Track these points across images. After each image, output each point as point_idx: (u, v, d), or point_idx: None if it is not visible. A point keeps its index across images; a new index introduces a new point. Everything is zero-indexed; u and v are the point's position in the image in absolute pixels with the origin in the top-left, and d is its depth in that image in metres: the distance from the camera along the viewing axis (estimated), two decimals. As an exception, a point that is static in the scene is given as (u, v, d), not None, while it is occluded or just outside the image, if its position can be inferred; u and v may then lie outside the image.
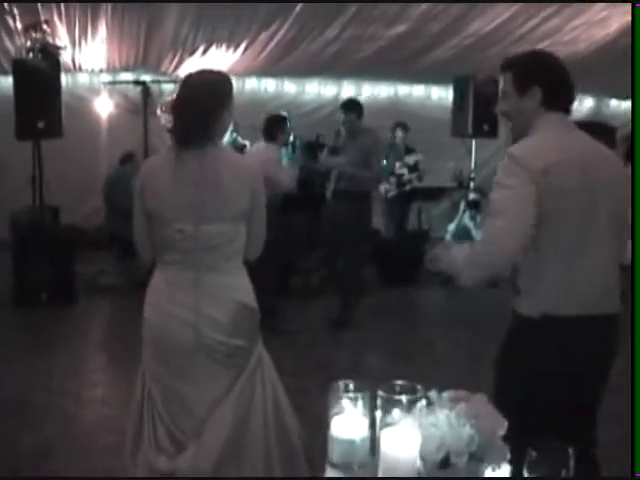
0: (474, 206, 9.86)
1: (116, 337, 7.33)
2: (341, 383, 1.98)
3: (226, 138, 9.69)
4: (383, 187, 9.86)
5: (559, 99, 3.05)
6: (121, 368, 6.09)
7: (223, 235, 3.23)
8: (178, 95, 3.33)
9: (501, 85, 3.12)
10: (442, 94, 12.45)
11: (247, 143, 9.74)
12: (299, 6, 8.92)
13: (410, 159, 10.09)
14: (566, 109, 3.07)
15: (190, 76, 3.33)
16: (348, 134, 7.68)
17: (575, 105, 3.09)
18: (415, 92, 12.87)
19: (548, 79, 3.04)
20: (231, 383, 3.29)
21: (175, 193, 3.19)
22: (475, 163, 10.52)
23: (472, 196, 10.08)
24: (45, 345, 6.97)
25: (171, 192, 3.19)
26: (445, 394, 2.13)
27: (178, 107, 3.33)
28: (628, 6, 8.88)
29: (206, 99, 3.23)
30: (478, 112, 9.74)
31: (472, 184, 10.42)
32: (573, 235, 2.85)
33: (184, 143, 3.21)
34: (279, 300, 7.34)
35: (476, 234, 9.73)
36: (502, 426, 2.05)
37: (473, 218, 9.82)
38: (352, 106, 7.75)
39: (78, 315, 8.15)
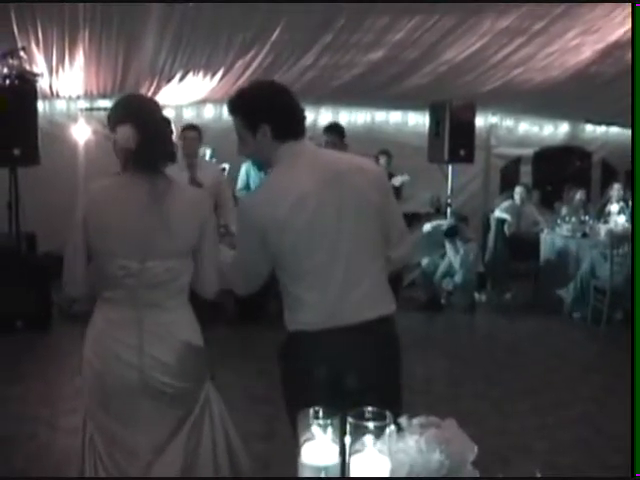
0: (452, 232, 9.91)
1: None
2: (311, 410, 1.98)
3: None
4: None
5: (292, 128, 3.06)
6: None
7: (169, 272, 3.06)
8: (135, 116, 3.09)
9: (236, 128, 3.13)
10: (419, 120, 12.53)
11: (226, 166, 9.80)
12: (275, 34, 8.96)
13: (396, 180, 10.08)
14: (302, 134, 3.09)
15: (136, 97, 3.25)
16: None
17: (551, 130, 3.13)
18: (392, 118, 12.94)
19: (273, 114, 3.03)
20: (178, 425, 3.13)
21: (122, 227, 3.01)
22: (452, 189, 10.59)
23: (449, 222, 10.14)
24: (19, 372, 6.92)
25: (117, 225, 3.01)
26: (415, 420, 2.13)
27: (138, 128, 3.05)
28: (599, 34, 9.07)
29: (162, 122, 3.16)
30: (454, 138, 9.86)
31: (449, 209, 10.49)
32: (314, 261, 2.96)
33: (139, 167, 3.04)
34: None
35: (455, 260, 9.78)
36: (472, 451, 2.05)
37: (452, 242, 9.86)
38: (334, 128, 7.78)
39: (53, 342, 8.11)
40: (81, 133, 11.29)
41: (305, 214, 2.91)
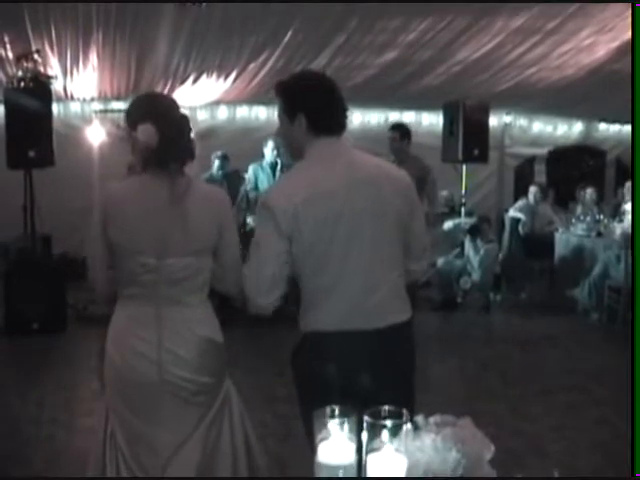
0: (474, 231, 9.90)
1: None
2: (327, 408, 1.98)
3: (215, 166, 9.77)
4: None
5: (326, 124, 3.04)
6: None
7: (187, 268, 3.08)
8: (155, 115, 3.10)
9: (277, 110, 3.15)
10: (432, 120, 12.54)
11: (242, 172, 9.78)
12: (288, 35, 8.98)
13: None
14: (338, 131, 3.07)
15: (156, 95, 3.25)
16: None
17: (565, 129, 3.11)
18: (405, 118, 12.92)
19: (311, 105, 3.04)
20: (197, 422, 3.15)
21: (141, 225, 3.04)
22: (466, 188, 10.57)
23: (471, 220, 10.13)
24: (36, 374, 6.94)
25: (136, 224, 3.04)
26: (431, 419, 2.13)
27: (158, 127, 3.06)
28: (614, 33, 9.02)
29: (182, 119, 3.17)
30: (468, 137, 9.83)
31: (463, 209, 10.48)
32: (332, 262, 2.95)
33: (160, 165, 3.06)
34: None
35: (474, 259, 9.77)
36: (489, 450, 2.05)
37: (473, 241, 9.85)
38: (397, 127, 7.82)
39: (69, 344, 8.14)
40: (95, 135, 11.35)
41: (321, 210, 2.89)
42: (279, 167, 9.26)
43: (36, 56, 8.46)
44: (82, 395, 6.60)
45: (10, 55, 8.79)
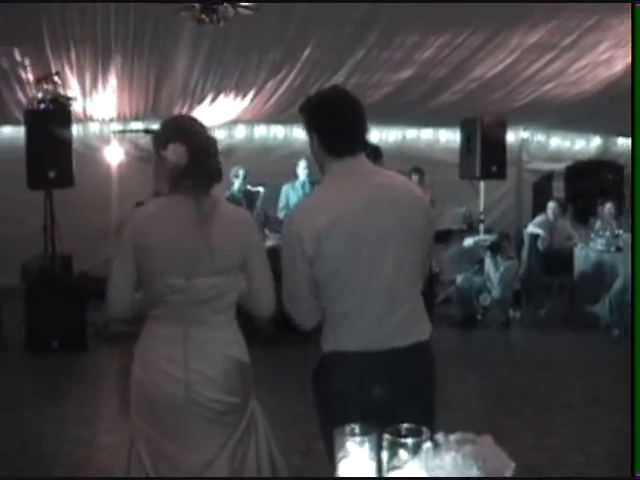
0: (495, 248, 9.88)
1: (128, 384, 7.32)
2: (347, 426, 1.98)
3: (237, 185, 9.81)
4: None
5: (337, 144, 3.02)
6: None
7: (214, 289, 3.09)
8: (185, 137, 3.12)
9: None
10: (450, 137, 12.53)
11: (260, 189, 9.82)
12: (306, 53, 9.03)
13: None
14: (353, 152, 3.03)
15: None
16: None
17: (583, 144, 3.09)
18: (423, 135, 12.95)
19: (320, 125, 3.04)
20: (224, 442, 3.13)
21: (169, 246, 3.05)
22: (484, 205, 10.56)
23: (491, 237, 10.11)
24: (56, 392, 6.99)
25: (165, 245, 3.05)
26: (452, 436, 2.12)
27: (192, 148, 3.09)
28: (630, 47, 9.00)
29: (210, 141, 3.19)
30: (486, 154, 9.83)
31: (481, 226, 10.46)
32: (356, 283, 2.94)
33: (188, 185, 3.07)
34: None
35: (494, 276, 9.74)
36: (509, 468, 2.04)
37: (493, 258, 9.83)
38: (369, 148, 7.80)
39: (89, 362, 8.18)
40: (114, 155, 11.42)
41: (344, 233, 2.89)
42: (309, 186, 9.33)
43: (56, 78, 8.56)
44: (103, 413, 6.63)
45: (30, 77, 8.89)
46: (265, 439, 3.27)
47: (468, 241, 10.20)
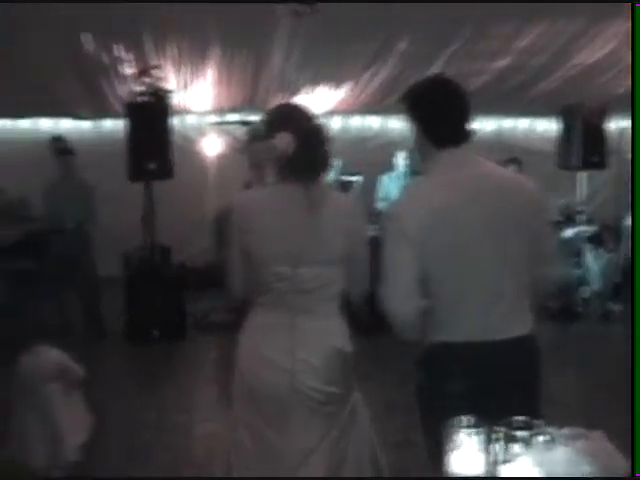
0: (596, 240, 9.67)
1: (226, 373, 7.42)
2: (457, 419, 1.95)
3: (331, 176, 9.81)
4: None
5: (439, 134, 2.96)
6: (232, 404, 6.16)
7: (318, 279, 3.08)
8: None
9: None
10: (547, 126, 12.30)
11: (354, 179, 9.81)
12: (401, 45, 8.97)
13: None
14: (456, 142, 2.95)
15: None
16: None
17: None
18: (520, 125, 12.75)
19: (423, 115, 2.97)
20: (324, 433, 3.12)
21: (277, 233, 3.06)
22: (583, 195, 10.33)
23: (592, 229, 9.90)
24: (156, 381, 7.14)
25: (272, 232, 3.06)
26: (563, 431, 2.07)
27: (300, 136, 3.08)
28: None
29: (319, 129, 3.17)
30: (587, 143, 9.56)
31: (579, 217, 10.23)
32: (459, 274, 2.90)
33: (296, 173, 3.07)
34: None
35: (594, 268, 9.55)
36: (623, 467, 1.98)
37: (595, 250, 9.63)
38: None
39: (189, 351, 8.31)
40: (212, 147, 11.55)
41: (448, 223, 2.86)
42: (409, 176, 9.29)
43: (155, 71, 8.70)
44: (202, 402, 6.72)
45: (130, 71, 9.06)
46: (367, 432, 3.26)
47: (568, 232, 10.00)
